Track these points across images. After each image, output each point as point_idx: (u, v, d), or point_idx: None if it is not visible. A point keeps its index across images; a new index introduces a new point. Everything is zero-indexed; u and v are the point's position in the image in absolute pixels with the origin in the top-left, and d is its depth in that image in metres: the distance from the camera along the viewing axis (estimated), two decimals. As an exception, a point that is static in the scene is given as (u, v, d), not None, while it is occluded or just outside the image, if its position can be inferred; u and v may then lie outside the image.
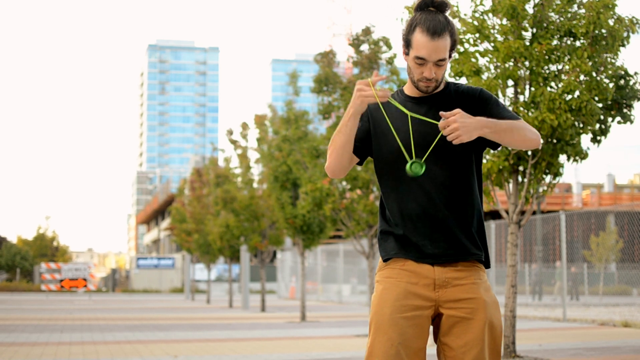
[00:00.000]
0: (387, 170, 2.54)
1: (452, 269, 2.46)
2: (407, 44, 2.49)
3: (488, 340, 2.44)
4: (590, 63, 6.92)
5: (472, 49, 7.40)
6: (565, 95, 6.88)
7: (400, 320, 2.39)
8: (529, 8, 7.16)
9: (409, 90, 2.58)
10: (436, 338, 2.50)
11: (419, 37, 2.45)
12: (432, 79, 2.47)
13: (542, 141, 7.16)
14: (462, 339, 2.42)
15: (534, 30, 7.16)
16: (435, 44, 2.43)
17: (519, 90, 7.31)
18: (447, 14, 2.49)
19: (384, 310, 2.42)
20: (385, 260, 2.54)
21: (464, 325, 2.43)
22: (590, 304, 21.00)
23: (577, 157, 7.29)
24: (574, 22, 6.98)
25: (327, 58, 12.65)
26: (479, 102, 2.51)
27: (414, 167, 2.40)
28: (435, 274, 2.45)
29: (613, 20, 6.95)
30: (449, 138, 2.33)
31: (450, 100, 2.52)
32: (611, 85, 7.05)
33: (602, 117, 7.26)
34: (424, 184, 2.47)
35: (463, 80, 7.63)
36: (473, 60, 7.35)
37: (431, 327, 2.51)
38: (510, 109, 7.28)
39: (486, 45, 7.36)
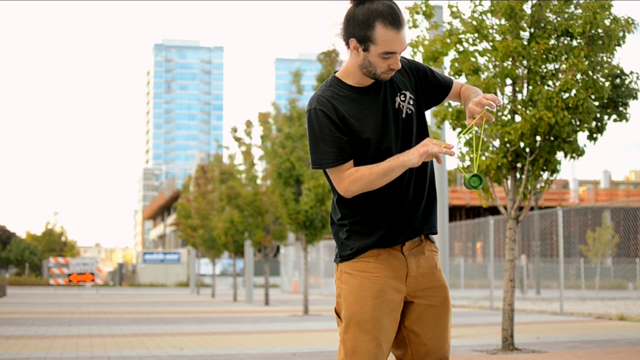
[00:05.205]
0: (363, 158, 2.37)
1: (421, 257, 2.42)
2: (365, 40, 2.23)
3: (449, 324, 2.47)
4: (586, 62, 7.00)
5: (471, 49, 7.50)
6: (562, 93, 6.96)
7: (381, 318, 2.34)
8: (527, 8, 7.23)
9: (354, 80, 2.35)
10: (399, 323, 2.45)
11: (383, 32, 2.21)
12: (396, 68, 2.29)
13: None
14: (429, 325, 2.42)
15: (532, 30, 7.24)
16: (401, 35, 2.23)
17: (517, 88, 7.41)
18: None
19: (365, 308, 2.33)
20: (353, 256, 2.40)
21: (431, 312, 2.42)
22: (587, 297, 21.13)
23: (573, 154, 7.36)
24: (571, 22, 7.05)
25: (330, 57, 12.81)
26: (418, 74, 2.44)
27: (473, 181, 2.25)
28: (409, 266, 2.40)
29: (609, 20, 7.00)
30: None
31: (397, 79, 2.40)
32: (607, 84, 7.11)
33: (598, 115, 7.34)
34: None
35: (462, 79, 7.75)
36: (472, 59, 7.44)
37: None
38: (509, 107, 7.45)
39: (485, 44, 7.45)
